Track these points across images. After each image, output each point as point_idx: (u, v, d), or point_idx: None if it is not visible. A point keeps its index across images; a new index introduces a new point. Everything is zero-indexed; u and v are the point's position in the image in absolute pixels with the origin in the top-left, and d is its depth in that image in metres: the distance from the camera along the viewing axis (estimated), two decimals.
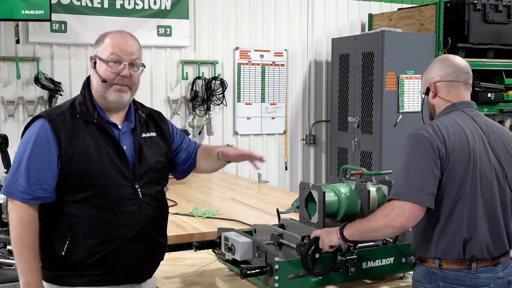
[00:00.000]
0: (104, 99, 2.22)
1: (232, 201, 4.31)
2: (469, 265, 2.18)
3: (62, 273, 2.16)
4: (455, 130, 2.21)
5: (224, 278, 2.60)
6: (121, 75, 2.19)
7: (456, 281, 2.17)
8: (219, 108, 6.55)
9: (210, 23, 6.45)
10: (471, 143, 2.20)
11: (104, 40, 2.21)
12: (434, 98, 2.38)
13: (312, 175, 7.17)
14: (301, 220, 2.68)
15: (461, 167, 2.16)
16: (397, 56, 5.90)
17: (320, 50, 7.05)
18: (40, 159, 2.10)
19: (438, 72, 2.37)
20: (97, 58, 2.21)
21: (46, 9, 5.21)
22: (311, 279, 2.36)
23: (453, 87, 2.35)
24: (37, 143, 2.11)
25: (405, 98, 5.96)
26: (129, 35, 2.27)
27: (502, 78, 6.54)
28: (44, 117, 2.16)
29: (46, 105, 5.73)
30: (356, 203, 2.59)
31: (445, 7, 6.17)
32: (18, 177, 2.11)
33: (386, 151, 5.92)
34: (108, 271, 2.17)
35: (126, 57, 2.19)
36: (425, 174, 2.13)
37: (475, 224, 2.16)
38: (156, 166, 2.30)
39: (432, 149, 2.15)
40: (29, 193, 2.09)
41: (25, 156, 2.11)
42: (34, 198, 2.10)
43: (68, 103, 2.25)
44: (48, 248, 2.15)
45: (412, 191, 2.12)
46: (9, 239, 2.90)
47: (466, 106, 2.35)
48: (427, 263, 2.23)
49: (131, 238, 2.17)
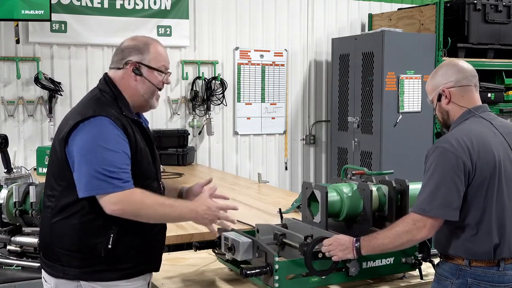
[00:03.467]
0: (145, 104, 2.34)
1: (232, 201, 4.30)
2: (497, 263, 2.23)
3: (96, 268, 2.17)
4: (478, 139, 2.24)
5: (224, 278, 2.60)
6: (167, 83, 2.38)
7: (484, 278, 2.22)
8: (219, 108, 6.55)
9: (210, 23, 6.46)
10: (494, 150, 2.23)
11: (150, 49, 2.31)
12: (448, 104, 2.39)
13: (312, 175, 7.17)
14: (304, 220, 2.68)
15: (486, 175, 2.20)
16: (397, 56, 5.90)
17: (320, 50, 7.05)
18: (122, 152, 2.13)
19: (449, 78, 2.38)
20: (143, 66, 2.29)
21: (46, 9, 5.21)
22: (311, 279, 2.36)
23: (467, 91, 2.37)
24: (113, 138, 2.12)
25: (405, 98, 5.96)
26: (162, 44, 2.40)
27: (502, 78, 6.54)
28: (102, 115, 2.15)
29: (46, 105, 5.73)
30: (359, 203, 2.59)
31: (445, 7, 6.17)
32: (108, 172, 2.07)
33: (386, 151, 5.92)
34: (141, 262, 2.24)
35: (168, 66, 2.39)
36: (450, 189, 2.17)
37: (504, 228, 2.22)
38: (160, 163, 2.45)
39: (457, 164, 2.18)
40: (128, 180, 2.11)
41: (107, 150, 2.09)
42: (132, 184, 2.14)
43: (106, 101, 2.24)
44: (87, 244, 2.15)
45: (437, 207, 2.17)
46: (9, 239, 2.91)
47: (482, 111, 2.37)
48: (455, 261, 2.27)
49: (159, 228, 2.31)
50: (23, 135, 5.71)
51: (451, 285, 2.27)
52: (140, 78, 2.29)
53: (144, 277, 2.29)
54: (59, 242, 2.18)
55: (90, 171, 2.08)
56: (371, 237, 2.29)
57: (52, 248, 2.20)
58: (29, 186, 2.89)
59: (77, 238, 2.15)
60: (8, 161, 3.86)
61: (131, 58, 2.29)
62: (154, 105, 2.38)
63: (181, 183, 5.00)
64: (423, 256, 2.58)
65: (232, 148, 6.68)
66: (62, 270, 2.18)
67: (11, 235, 2.93)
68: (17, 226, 2.97)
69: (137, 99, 2.32)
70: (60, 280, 2.20)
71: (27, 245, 2.89)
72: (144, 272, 2.28)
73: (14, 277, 2.74)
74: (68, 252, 2.16)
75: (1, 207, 2.91)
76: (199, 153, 6.51)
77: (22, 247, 2.90)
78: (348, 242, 2.30)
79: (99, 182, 2.07)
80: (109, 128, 2.13)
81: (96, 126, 2.13)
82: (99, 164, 2.08)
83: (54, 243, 2.19)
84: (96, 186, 2.08)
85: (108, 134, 2.13)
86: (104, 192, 2.08)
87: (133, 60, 2.28)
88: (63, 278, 2.19)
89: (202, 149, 6.55)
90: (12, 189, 2.91)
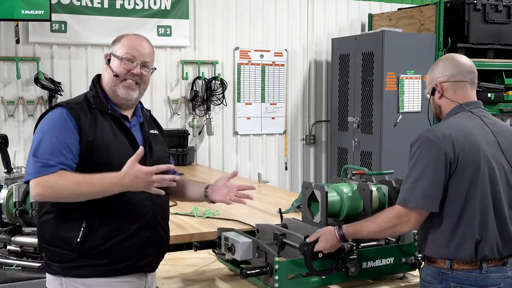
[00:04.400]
0: (114, 94, 2.33)
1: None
2: (480, 265, 2.18)
3: (74, 264, 2.18)
4: (464, 132, 2.21)
5: (224, 278, 2.60)
6: (132, 72, 2.32)
7: (467, 281, 2.18)
8: (219, 108, 6.55)
9: (210, 23, 6.46)
10: (480, 144, 2.20)
11: (121, 40, 2.36)
12: (440, 98, 2.36)
13: (312, 175, 7.17)
14: (304, 220, 2.68)
15: (470, 170, 2.16)
16: (397, 56, 5.90)
17: (320, 50, 7.05)
18: (61, 141, 2.15)
19: (444, 72, 2.35)
20: (112, 55, 2.34)
21: (46, 9, 5.21)
22: (311, 279, 2.36)
23: (460, 87, 2.34)
24: (59, 127, 2.18)
25: (405, 98, 5.96)
26: (145, 39, 2.40)
27: (502, 78, 6.54)
28: (62, 105, 2.25)
29: (46, 105, 5.73)
30: (359, 203, 2.59)
31: (445, 7, 6.17)
32: (38, 158, 2.13)
33: (386, 151, 5.92)
34: (121, 258, 2.21)
35: (139, 57, 2.33)
36: (431, 180, 2.15)
37: (486, 225, 2.18)
38: (162, 160, 2.40)
39: (439, 154, 2.15)
40: (53, 165, 2.11)
41: (45, 138, 2.16)
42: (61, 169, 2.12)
43: (81, 96, 2.34)
44: (61, 237, 2.18)
45: (418, 197, 2.15)
46: (9, 239, 2.91)
47: (473, 107, 2.33)
48: (437, 264, 2.23)
49: (143, 224, 2.25)
50: (23, 135, 5.71)
51: None
52: (107, 67, 2.35)
53: (133, 279, 2.26)
54: (42, 237, 2.25)
55: (28, 158, 2.17)
56: (355, 229, 2.29)
57: (40, 244, 2.28)
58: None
59: (53, 232, 2.19)
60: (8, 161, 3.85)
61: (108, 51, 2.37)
62: (121, 94, 2.31)
63: None
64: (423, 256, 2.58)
65: (232, 148, 6.68)
66: (48, 265, 2.23)
67: (11, 235, 2.93)
68: (17, 226, 2.97)
69: (108, 91, 2.34)
70: (49, 276, 2.25)
71: (27, 245, 2.89)
72: (130, 272, 2.24)
73: (14, 277, 2.74)
74: (48, 247, 2.21)
75: (1, 207, 2.91)
76: (199, 153, 6.51)
77: (22, 247, 2.90)
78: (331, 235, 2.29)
79: (29, 167, 2.15)
80: (56, 118, 2.20)
81: (49, 116, 2.24)
82: (33, 151, 2.16)
83: (40, 239, 2.28)
84: (27, 172, 2.16)
85: (51, 123, 2.20)
86: (29, 178, 2.14)
87: (108, 52, 2.36)
88: (49, 273, 2.24)
89: (202, 149, 6.55)
90: (12, 189, 2.91)
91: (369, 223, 2.28)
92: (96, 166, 2.17)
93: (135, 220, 2.23)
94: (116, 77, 2.31)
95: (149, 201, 2.26)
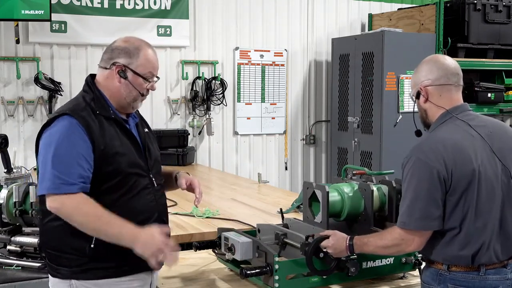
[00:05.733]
0: (127, 105, 2.33)
1: (232, 201, 4.31)
2: (477, 268, 2.17)
3: (85, 267, 2.18)
4: (454, 146, 2.17)
5: (224, 278, 2.60)
6: (152, 90, 2.39)
7: (465, 283, 2.16)
8: (219, 108, 6.55)
9: (210, 23, 6.46)
10: (472, 155, 2.16)
11: (140, 55, 2.31)
12: (425, 102, 2.32)
13: (312, 175, 7.17)
14: (305, 220, 2.68)
15: (464, 182, 2.13)
16: (397, 56, 5.90)
17: (320, 50, 7.05)
18: (76, 153, 2.13)
19: (428, 75, 2.30)
20: (131, 70, 2.29)
21: (46, 9, 5.21)
22: (311, 279, 2.36)
23: (444, 90, 2.29)
24: (70, 138, 2.14)
25: (405, 98, 5.96)
26: (154, 49, 2.40)
27: (502, 78, 6.53)
28: (68, 114, 2.19)
29: (46, 105, 5.73)
30: (360, 203, 2.59)
31: (445, 7, 6.17)
32: (56, 173, 2.10)
33: (386, 151, 5.92)
34: (131, 260, 2.20)
35: (156, 73, 2.39)
36: (427, 201, 2.13)
37: (484, 234, 2.15)
38: (158, 158, 2.43)
39: (431, 174, 2.12)
40: (73, 183, 2.10)
41: (60, 151, 2.13)
42: (80, 188, 2.12)
43: (80, 101, 2.28)
44: (71, 244, 2.17)
45: (416, 219, 2.13)
46: (9, 238, 2.91)
47: (460, 112, 2.28)
48: (435, 265, 2.23)
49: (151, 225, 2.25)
50: (23, 135, 5.71)
51: None
52: (124, 81, 2.29)
53: (141, 277, 2.28)
54: (48, 243, 2.23)
55: (43, 171, 2.15)
56: (362, 243, 2.27)
57: (45, 249, 2.26)
58: (29, 186, 2.89)
59: (62, 239, 2.18)
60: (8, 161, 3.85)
61: (119, 60, 2.29)
62: (137, 107, 2.39)
63: None
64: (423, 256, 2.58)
65: (232, 148, 6.68)
66: (55, 269, 2.22)
67: (11, 235, 2.93)
68: (17, 226, 2.97)
69: (118, 100, 2.31)
70: (55, 279, 2.24)
71: (27, 245, 2.89)
72: (136, 271, 2.25)
73: (14, 277, 2.73)
74: (56, 253, 2.20)
75: (1, 207, 2.90)
76: (199, 153, 6.51)
77: (22, 247, 2.90)
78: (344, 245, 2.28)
79: (46, 182, 2.12)
80: (66, 128, 2.15)
81: (58, 126, 2.17)
82: (50, 164, 2.12)
83: (45, 244, 2.25)
84: (44, 186, 2.13)
85: (62, 133, 2.15)
86: (48, 192, 2.12)
87: (121, 62, 2.29)
88: (57, 277, 2.22)
89: (202, 149, 6.55)
90: (12, 189, 2.91)
91: (375, 240, 2.26)
92: (107, 173, 2.18)
93: (144, 221, 2.23)
94: (141, 96, 2.33)
95: (155, 201, 2.30)
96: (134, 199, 2.23)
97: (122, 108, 2.34)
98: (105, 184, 2.19)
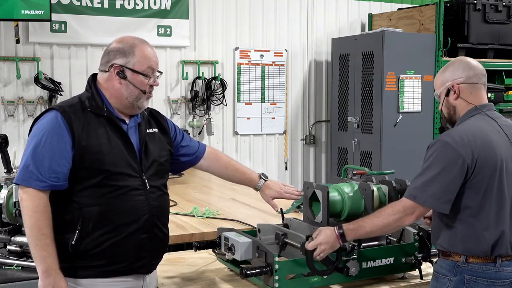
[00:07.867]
0: (131, 106, 2.33)
1: (232, 201, 4.31)
2: (494, 259, 2.25)
3: (70, 264, 2.19)
4: (482, 136, 2.26)
5: (224, 278, 2.60)
6: (155, 85, 2.36)
7: (481, 274, 2.25)
8: (219, 108, 6.55)
9: (210, 23, 6.45)
10: (496, 147, 2.26)
11: (135, 52, 2.31)
12: (456, 99, 2.41)
13: (312, 175, 7.17)
14: (305, 220, 2.69)
15: (487, 172, 2.22)
16: (397, 56, 5.90)
17: (320, 50, 7.05)
18: (54, 147, 2.16)
19: (461, 73, 2.40)
20: (128, 69, 2.29)
21: (46, 9, 5.21)
22: (311, 279, 2.37)
23: (476, 89, 2.40)
24: (50, 133, 2.17)
25: (405, 98, 5.96)
26: (150, 45, 2.39)
27: (502, 78, 6.54)
28: (55, 109, 2.23)
29: (46, 105, 5.73)
30: (360, 203, 2.60)
31: (445, 7, 6.17)
32: (30, 164, 2.15)
33: (386, 151, 5.92)
34: (116, 260, 2.21)
35: (156, 67, 2.36)
36: (445, 183, 2.20)
37: (502, 226, 2.24)
38: (160, 160, 2.40)
39: (456, 159, 2.20)
40: (43, 180, 2.14)
41: (39, 144, 2.16)
42: (48, 186, 2.15)
43: (76, 98, 2.33)
44: (57, 239, 2.18)
45: (429, 196, 2.21)
46: (9, 239, 2.91)
47: (488, 109, 2.40)
48: (452, 257, 2.29)
49: (138, 227, 2.24)
50: (23, 135, 5.70)
51: (449, 282, 2.29)
52: (124, 81, 2.30)
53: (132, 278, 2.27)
54: None
55: (22, 162, 2.19)
56: (357, 226, 2.30)
57: None
58: None
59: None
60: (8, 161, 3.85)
61: (115, 61, 2.30)
62: (142, 106, 2.36)
63: (181, 182, 5.02)
64: (423, 256, 2.59)
65: (232, 148, 6.68)
66: None
67: (11, 235, 2.93)
68: (17, 226, 2.97)
69: (121, 101, 2.32)
70: None
71: (27, 245, 2.88)
72: (125, 273, 2.25)
73: (14, 277, 2.74)
74: None
75: (1, 207, 2.91)
76: None
77: (22, 247, 2.90)
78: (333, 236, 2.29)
79: (19, 172, 2.16)
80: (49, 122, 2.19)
81: (44, 120, 2.21)
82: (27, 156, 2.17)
83: None
84: (18, 175, 2.17)
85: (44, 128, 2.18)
86: (17, 182, 2.18)
87: (117, 63, 2.29)
88: None
89: None
90: (12, 189, 2.91)
91: (372, 219, 2.30)
92: (89, 170, 2.19)
93: (130, 223, 2.22)
94: (144, 93, 2.31)
95: (146, 204, 2.27)
96: (119, 199, 2.21)
97: (126, 109, 2.33)
98: (89, 181, 2.19)
